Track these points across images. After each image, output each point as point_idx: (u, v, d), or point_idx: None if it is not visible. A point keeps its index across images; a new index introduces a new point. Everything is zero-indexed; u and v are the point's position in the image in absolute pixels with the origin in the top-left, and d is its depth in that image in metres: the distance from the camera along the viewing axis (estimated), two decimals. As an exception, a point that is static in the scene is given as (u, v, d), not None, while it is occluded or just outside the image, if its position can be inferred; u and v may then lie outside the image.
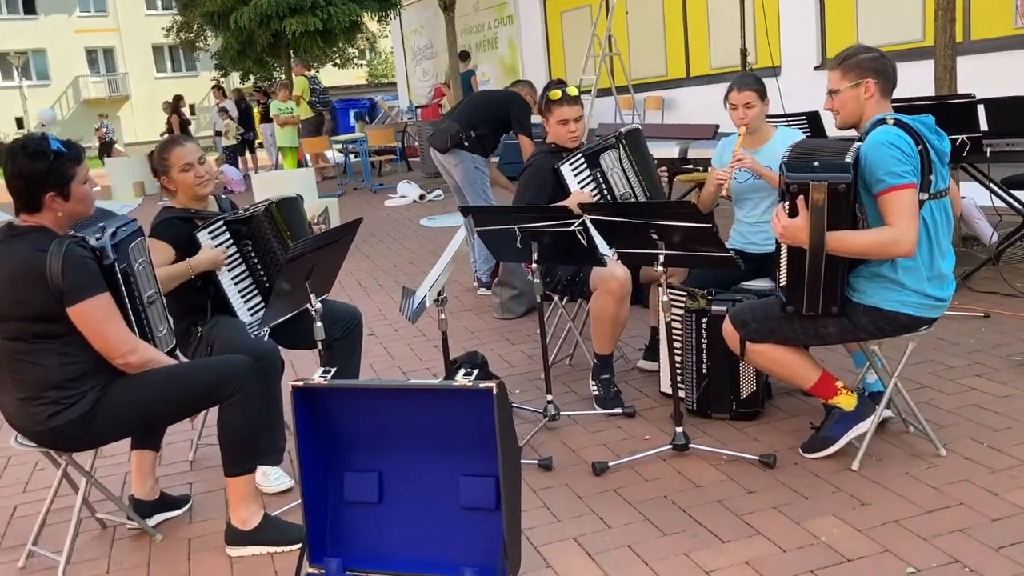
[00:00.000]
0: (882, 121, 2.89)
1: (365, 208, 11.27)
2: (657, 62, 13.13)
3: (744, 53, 7.72)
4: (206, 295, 3.44)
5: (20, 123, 37.71)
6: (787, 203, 2.78)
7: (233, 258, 3.48)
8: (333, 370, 2.46)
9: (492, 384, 2.25)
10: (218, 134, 16.01)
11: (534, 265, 3.46)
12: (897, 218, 2.74)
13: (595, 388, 3.83)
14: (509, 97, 5.89)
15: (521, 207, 3.76)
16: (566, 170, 3.88)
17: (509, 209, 3.71)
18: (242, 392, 2.84)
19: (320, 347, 3.12)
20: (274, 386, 3.30)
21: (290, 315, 3.32)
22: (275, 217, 3.57)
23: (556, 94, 3.88)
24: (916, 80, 5.79)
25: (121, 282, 2.75)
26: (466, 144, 5.72)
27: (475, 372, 3.63)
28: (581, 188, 3.88)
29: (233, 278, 3.49)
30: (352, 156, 14.45)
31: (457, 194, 6.03)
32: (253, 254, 3.53)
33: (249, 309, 3.50)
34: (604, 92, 11.66)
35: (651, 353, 4.20)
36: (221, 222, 3.48)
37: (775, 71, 8.44)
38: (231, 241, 3.50)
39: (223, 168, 15.26)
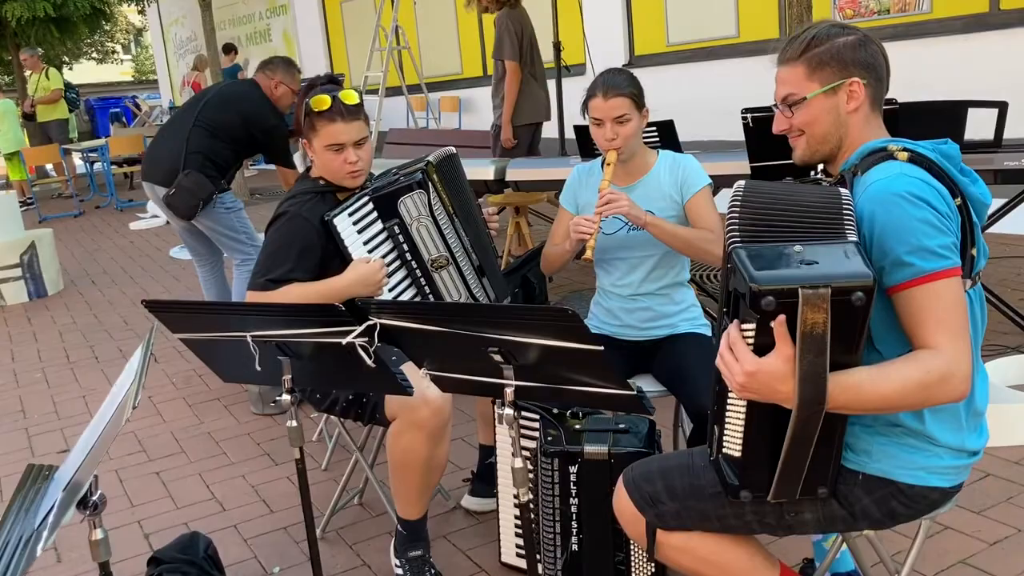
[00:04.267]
0: (882, 153, 1.66)
1: (104, 233, 9.19)
2: (451, 58, 11.85)
3: (558, 47, 6.53)
4: None
5: None
6: (747, 326, 1.48)
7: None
8: None
9: None
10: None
11: (285, 397, 2.00)
12: (938, 332, 1.51)
13: (400, 571, 2.41)
14: (249, 101, 4.03)
15: (244, 304, 2.23)
16: (343, 224, 2.41)
17: (234, 307, 2.20)
18: None
19: None
20: None
21: None
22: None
23: (323, 101, 2.39)
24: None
25: None
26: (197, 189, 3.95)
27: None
28: (368, 252, 2.44)
29: None
30: (96, 166, 12.13)
31: (191, 238, 4.27)
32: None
33: None
34: (394, 91, 10.22)
35: (480, 484, 2.83)
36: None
37: (576, 70, 7.36)
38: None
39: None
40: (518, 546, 2.43)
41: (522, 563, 2.43)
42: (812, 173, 1.90)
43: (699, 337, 2.51)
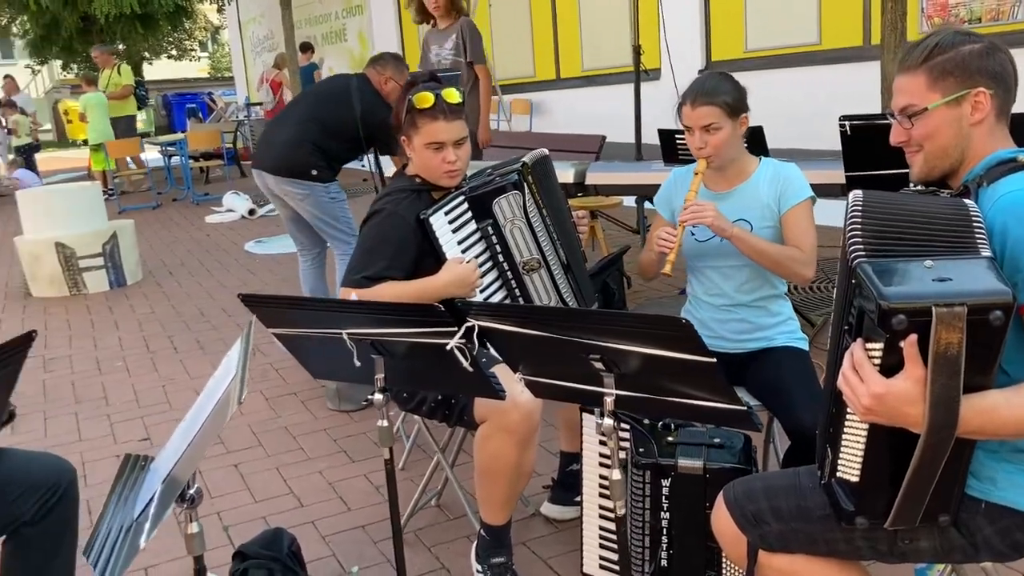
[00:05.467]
0: (1012, 164, 1.57)
1: (181, 225, 9.38)
2: (524, 61, 11.83)
3: (638, 51, 6.44)
4: None
5: None
6: (874, 345, 1.40)
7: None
8: None
9: None
10: (9, 132, 13.54)
11: (378, 396, 1.98)
12: None
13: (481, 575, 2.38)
14: (361, 95, 4.05)
15: (345, 302, 2.22)
16: (439, 223, 2.39)
17: (326, 303, 2.19)
18: None
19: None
20: None
21: None
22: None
23: (426, 99, 2.37)
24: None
25: None
26: (315, 174, 4.03)
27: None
28: (462, 251, 2.41)
29: None
30: (175, 159, 12.39)
31: (296, 228, 4.35)
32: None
33: None
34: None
35: (561, 491, 2.78)
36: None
37: (654, 75, 7.26)
38: None
39: (16, 173, 12.88)
40: (602, 558, 2.38)
41: (606, 575, 2.37)
42: (912, 185, 1.81)
43: (797, 352, 2.42)
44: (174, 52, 33.70)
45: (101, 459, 3.51)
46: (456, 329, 1.81)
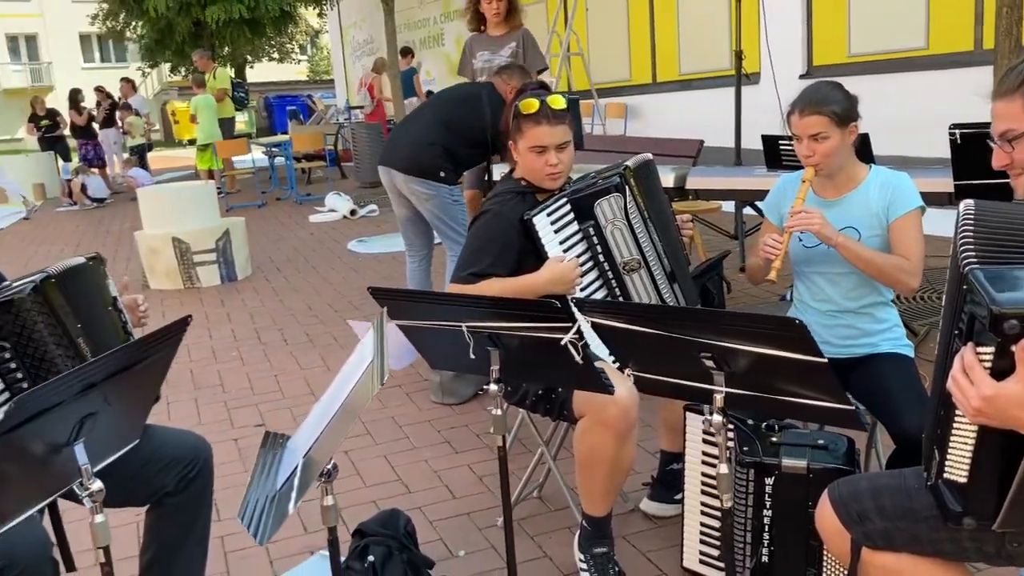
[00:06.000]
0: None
1: (286, 224, 9.75)
2: (620, 65, 11.87)
3: (739, 56, 6.43)
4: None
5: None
6: (984, 349, 1.44)
7: None
8: None
9: None
10: (124, 133, 14.26)
11: (492, 387, 2.09)
12: None
13: (584, 566, 2.46)
14: (488, 102, 4.21)
15: (466, 296, 2.34)
16: (542, 223, 2.50)
17: (450, 297, 2.31)
18: None
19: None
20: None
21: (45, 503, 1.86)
22: (52, 301, 2.10)
23: (531, 104, 2.48)
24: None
25: None
26: (442, 175, 4.24)
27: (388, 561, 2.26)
28: (564, 251, 2.51)
29: None
30: (278, 160, 12.86)
31: (411, 228, 4.56)
32: (14, 365, 2.06)
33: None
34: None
35: (660, 489, 2.86)
36: None
37: (753, 79, 7.22)
38: None
39: (131, 171, 13.57)
40: (702, 553, 2.44)
41: (705, 570, 2.44)
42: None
43: (902, 358, 2.44)
44: (276, 55, 34.81)
45: (220, 442, 3.73)
46: (570, 324, 1.91)
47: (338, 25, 19.67)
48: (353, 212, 9.81)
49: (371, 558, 2.19)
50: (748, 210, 5.98)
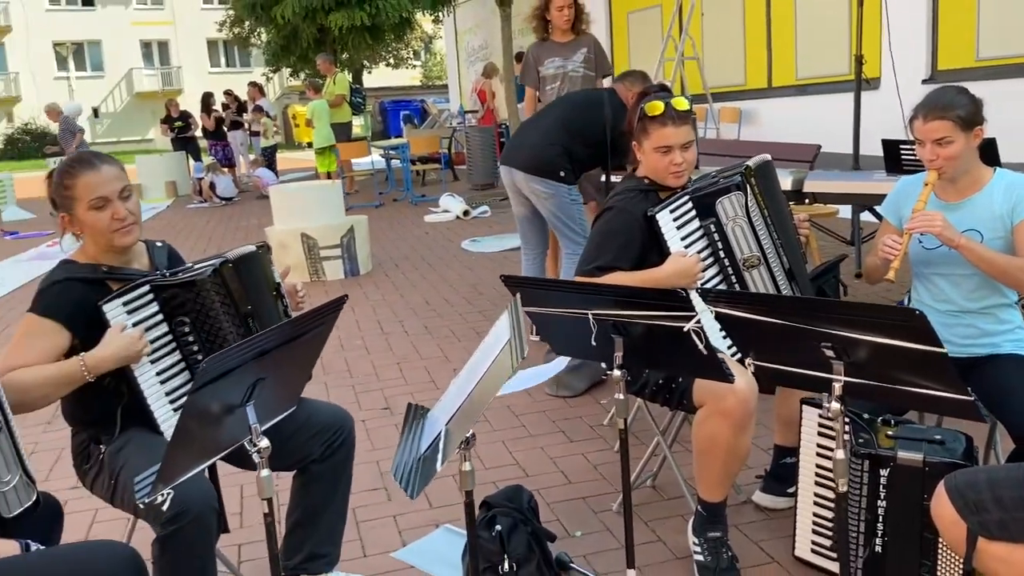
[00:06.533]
0: None
1: (402, 223, 10.10)
2: (735, 70, 11.79)
3: (860, 60, 6.36)
4: (117, 399, 2.26)
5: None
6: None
7: (162, 344, 2.29)
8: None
9: None
10: (255, 134, 14.98)
11: (616, 372, 2.22)
12: None
13: (698, 549, 2.56)
14: (611, 107, 4.37)
15: (595, 284, 2.49)
16: (664, 219, 2.62)
17: (579, 286, 2.46)
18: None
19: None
20: (202, 558, 2.11)
21: (216, 458, 2.08)
22: (228, 282, 2.36)
23: (656, 107, 2.61)
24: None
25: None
26: (562, 175, 4.42)
27: (513, 531, 2.41)
28: (685, 247, 2.62)
29: (160, 374, 2.29)
30: (394, 162, 13.29)
31: (529, 226, 4.76)
32: (192, 337, 2.32)
33: (180, 421, 2.29)
34: (676, 102, 10.33)
35: (773, 482, 2.93)
36: (147, 287, 2.28)
37: (874, 84, 7.10)
38: (161, 317, 2.29)
39: (258, 171, 14.24)
40: (814, 543, 2.51)
41: (817, 559, 2.50)
42: None
43: (1023, 359, 2.45)
44: (391, 61, 35.77)
45: (349, 423, 3.97)
46: (693, 313, 2.02)
47: (453, 31, 20.09)
48: (466, 213, 10.08)
49: (498, 527, 2.35)
50: (864, 216, 5.92)
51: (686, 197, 2.65)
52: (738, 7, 11.46)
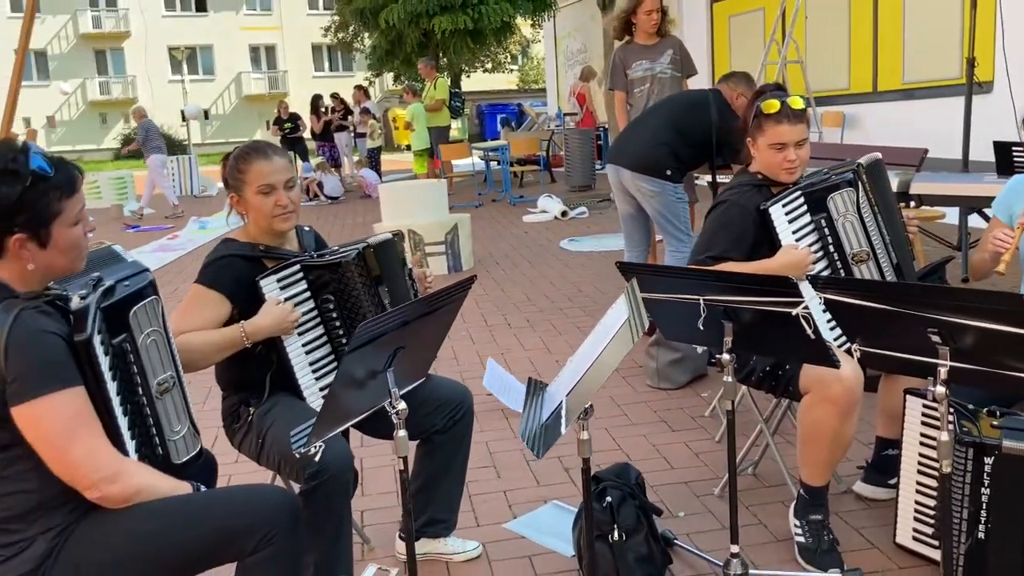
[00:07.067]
0: None
1: (501, 223, 10.33)
2: (838, 74, 11.63)
3: (972, 63, 6.27)
4: (266, 366, 2.50)
5: (183, 116, 39.16)
6: None
7: (309, 318, 2.53)
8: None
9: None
10: (360, 135, 15.48)
11: (725, 356, 2.34)
12: None
13: (799, 531, 2.66)
14: (716, 107, 4.51)
15: (707, 270, 2.62)
16: (777, 213, 2.73)
17: (690, 272, 2.59)
18: (275, 547, 1.86)
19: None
20: (340, 513, 2.33)
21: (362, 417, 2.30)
22: (369, 265, 2.58)
23: (773, 105, 2.72)
24: None
25: (108, 367, 1.81)
26: (668, 174, 4.57)
27: (623, 503, 2.56)
28: (796, 240, 2.72)
29: (305, 345, 2.53)
30: (493, 164, 13.56)
31: (633, 225, 4.91)
32: (335, 314, 2.55)
33: (321, 390, 2.53)
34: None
35: (874, 473, 2.99)
36: (297, 267, 2.53)
37: (985, 87, 6.95)
38: (308, 294, 2.54)
39: (362, 172, 14.72)
40: (915, 530, 2.58)
41: (918, 547, 2.57)
42: None
43: None
44: (489, 65, 36.27)
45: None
46: (802, 299, 2.13)
47: (552, 35, 20.32)
48: (564, 213, 10.25)
49: (608, 499, 2.50)
50: (972, 221, 5.84)
51: (798, 192, 2.76)
52: (844, 10, 11.32)
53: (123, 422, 1.85)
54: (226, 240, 2.57)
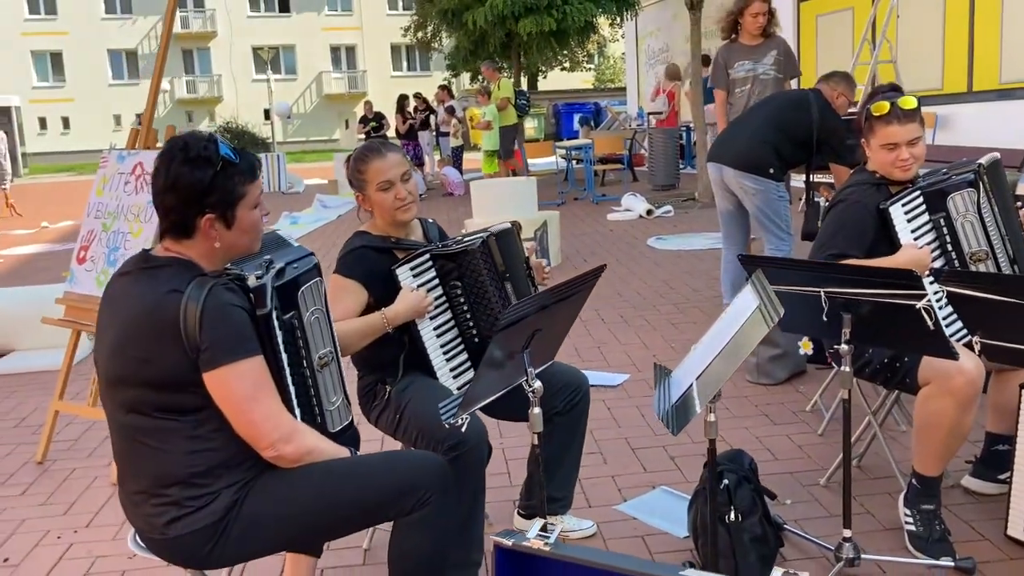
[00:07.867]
0: None
1: (585, 221, 10.44)
2: (931, 73, 11.42)
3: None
4: (400, 347, 2.67)
5: (267, 115, 40.19)
6: None
7: (438, 304, 2.69)
8: (556, 530, 1.58)
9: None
10: (443, 134, 15.76)
11: (843, 347, 2.43)
12: None
13: (910, 520, 2.72)
14: (817, 107, 4.59)
15: (830, 263, 2.70)
16: (897, 213, 2.79)
17: (810, 265, 2.67)
18: (429, 508, 2.03)
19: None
20: (476, 482, 2.49)
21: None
22: (493, 253, 2.74)
23: (882, 107, 2.79)
24: None
25: (281, 340, 2.00)
26: (771, 172, 4.67)
27: (739, 486, 2.66)
28: (914, 239, 2.78)
29: (436, 328, 2.69)
30: (575, 163, 13.68)
31: (732, 222, 5.01)
32: (462, 299, 2.71)
33: (452, 370, 2.69)
34: (868, 105, 10.16)
35: (983, 468, 3.03)
36: (427, 256, 2.70)
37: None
38: (437, 281, 2.70)
39: (445, 170, 14.99)
40: (1029, 523, 2.62)
41: (1031, 539, 2.61)
42: None
43: None
44: (567, 64, 36.34)
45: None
46: (925, 292, 2.20)
47: (634, 34, 20.30)
48: (649, 212, 10.30)
49: (726, 481, 2.60)
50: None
51: (917, 192, 2.81)
52: (938, 10, 11.12)
53: (292, 390, 2.04)
54: (359, 233, 2.75)
